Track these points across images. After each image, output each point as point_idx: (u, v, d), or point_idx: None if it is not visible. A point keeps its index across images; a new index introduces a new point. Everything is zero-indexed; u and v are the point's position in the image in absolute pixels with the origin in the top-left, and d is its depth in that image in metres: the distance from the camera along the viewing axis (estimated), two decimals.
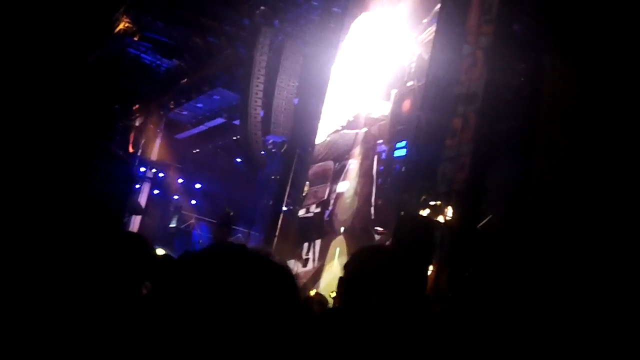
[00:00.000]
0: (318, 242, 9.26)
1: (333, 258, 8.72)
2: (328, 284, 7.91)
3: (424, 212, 6.57)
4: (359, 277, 2.25)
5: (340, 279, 2.32)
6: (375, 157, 8.60)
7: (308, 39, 11.64)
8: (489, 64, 6.46)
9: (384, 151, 8.53)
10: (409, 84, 8.15)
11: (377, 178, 8.45)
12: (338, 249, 8.70)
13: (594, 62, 5.71)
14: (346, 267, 2.33)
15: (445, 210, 6.42)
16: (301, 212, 10.14)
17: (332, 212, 9.27)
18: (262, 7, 11.82)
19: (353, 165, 9.11)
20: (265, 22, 11.78)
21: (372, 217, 8.17)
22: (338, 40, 10.25)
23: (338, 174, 9.49)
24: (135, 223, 16.68)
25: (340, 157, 9.61)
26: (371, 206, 8.31)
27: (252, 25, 12.06)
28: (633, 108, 5.18)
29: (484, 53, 6.54)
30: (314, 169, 10.24)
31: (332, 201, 9.37)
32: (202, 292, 0.99)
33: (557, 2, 6.10)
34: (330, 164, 9.82)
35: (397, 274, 2.27)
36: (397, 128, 8.24)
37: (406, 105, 8.16)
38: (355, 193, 8.80)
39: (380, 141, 8.63)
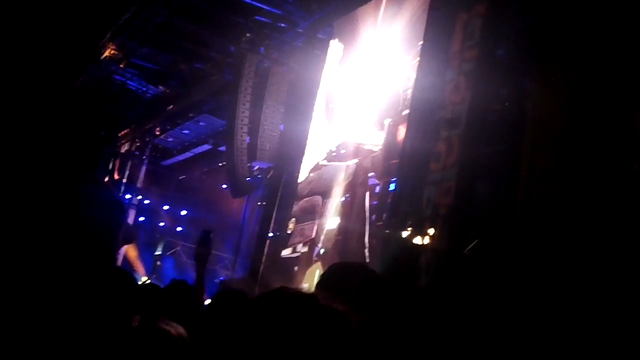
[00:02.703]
0: (306, 287, 8.02)
1: (311, 286, 8.19)
2: None
3: (410, 238, 6.55)
4: (332, 298, 1.99)
5: None
6: (368, 192, 7.92)
7: (293, 66, 11.68)
8: (472, 88, 6.49)
9: (377, 185, 7.82)
10: (405, 112, 7.58)
11: (371, 214, 7.73)
12: (318, 271, 8.18)
13: (577, 85, 5.76)
14: (317, 288, 2.03)
15: (431, 235, 6.40)
16: (287, 252, 9.40)
17: (321, 251, 8.50)
18: (247, 34, 11.88)
19: (343, 200, 8.42)
20: (250, 49, 11.82)
21: (367, 259, 7.37)
22: (323, 66, 10.29)
23: (326, 210, 8.75)
24: (121, 250, 16.52)
25: (328, 191, 8.86)
26: (365, 247, 7.54)
27: (237, 52, 12.11)
28: (615, 129, 5.22)
29: (467, 78, 6.58)
30: (301, 204, 9.60)
31: (321, 238, 8.61)
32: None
33: (540, 27, 6.17)
34: (317, 199, 9.13)
35: (377, 291, 2.07)
36: (392, 161, 7.54)
37: (401, 135, 7.49)
38: (346, 231, 8.11)
39: (372, 174, 7.97)
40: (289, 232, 9.57)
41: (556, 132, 5.86)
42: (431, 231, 6.36)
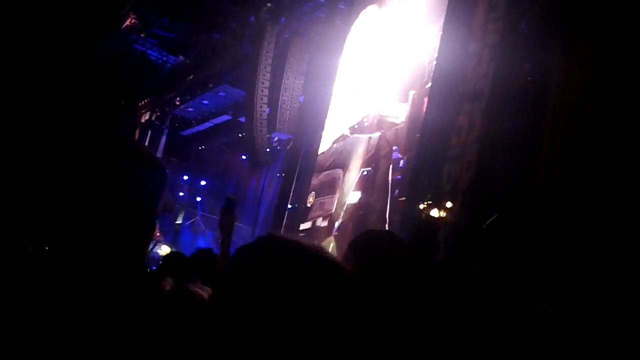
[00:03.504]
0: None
1: None
2: None
3: (429, 212, 6.55)
4: (364, 269, 1.88)
5: None
6: (391, 166, 7.67)
7: (314, 36, 11.60)
8: (495, 62, 6.41)
9: (401, 159, 7.57)
10: (429, 85, 7.34)
11: (393, 189, 7.47)
12: (332, 244, 8.04)
13: (601, 61, 5.66)
14: (345, 258, 1.96)
15: (451, 209, 6.39)
16: (306, 225, 9.19)
17: (341, 226, 8.27)
18: (268, 4, 11.80)
19: (365, 173, 8.18)
20: (271, 19, 11.75)
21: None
22: (345, 37, 10.20)
23: (347, 184, 8.51)
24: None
25: (349, 164, 8.63)
26: (386, 223, 7.26)
27: (257, 22, 12.05)
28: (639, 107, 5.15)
29: (491, 51, 6.50)
30: (321, 177, 9.40)
31: (341, 213, 8.37)
32: (254, 295, 0.99)
33: (565, 1, 6.06)
34: (338, 172, 8.89)
35: (413, 266, 1.97)
36: (416, 135, 7.29)
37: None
38: (367, 206, 7.87)
39: (396, 148, 7.72)
40: (308, 205, 9.49)
41: (579, 108, 5.79)
42: (451, 205, 6.35)
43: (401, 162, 7.57)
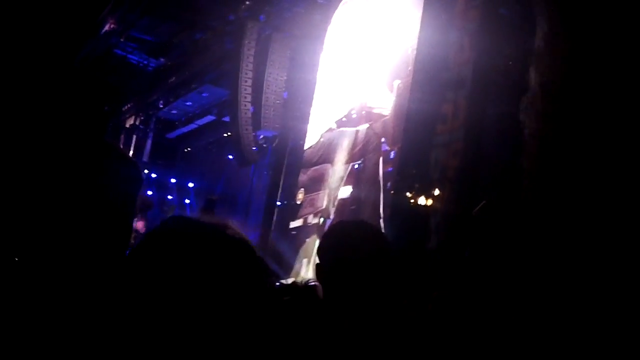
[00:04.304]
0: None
1: (312, 252, 7.87)
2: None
3: (418, 200, 6.58)
4: (338, 261, 1.84)
5: (317, 266, 1.92)
6: (381, 158, 7.62)
7: (295, 32, 11.57)
8: (477, 48, 6.44)
9: (391, 151, 7.50)
10: None
11: (385, 182, 7.38)
12: (317, 241, 7.82)
13: (584, 44, 5.69)
14: (320, 249, 1.94)
15: (439, 197, 6.42)
16: (297, 223, 9.07)
17: (333, 222, 7.93)
18: (246, 2, 11.74)
19: (356, 167, 8.10)
20: (250, 16, 11.70)
21: (383, 229, 6.62)
22: (325, 31, 10.19)
23: (336, 179, 8.42)
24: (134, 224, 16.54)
25: (336, 158, 8.56)
26: (380, 218, 7.17)
27: (237, 20, 11.99)
28: (623, 90, 5.17)
29: (471, 38, 6.52)
30: (309, 173, 9.31)
31: (332, 210, 8.28)
32: (156, 272, 0.98)
33: None
34: (327, 167, 8.81)
35: (386, 254, 1.90)
36: (402, 126, 7.23)
37: None
38: (359, 200, 7.78)
39: (384, 140, 7.65)
40: (298, 202, 9.41)
41: (562, 92, 5.81)
42: (440, 193, 6.37)
43: (392, 153, 7.48)
